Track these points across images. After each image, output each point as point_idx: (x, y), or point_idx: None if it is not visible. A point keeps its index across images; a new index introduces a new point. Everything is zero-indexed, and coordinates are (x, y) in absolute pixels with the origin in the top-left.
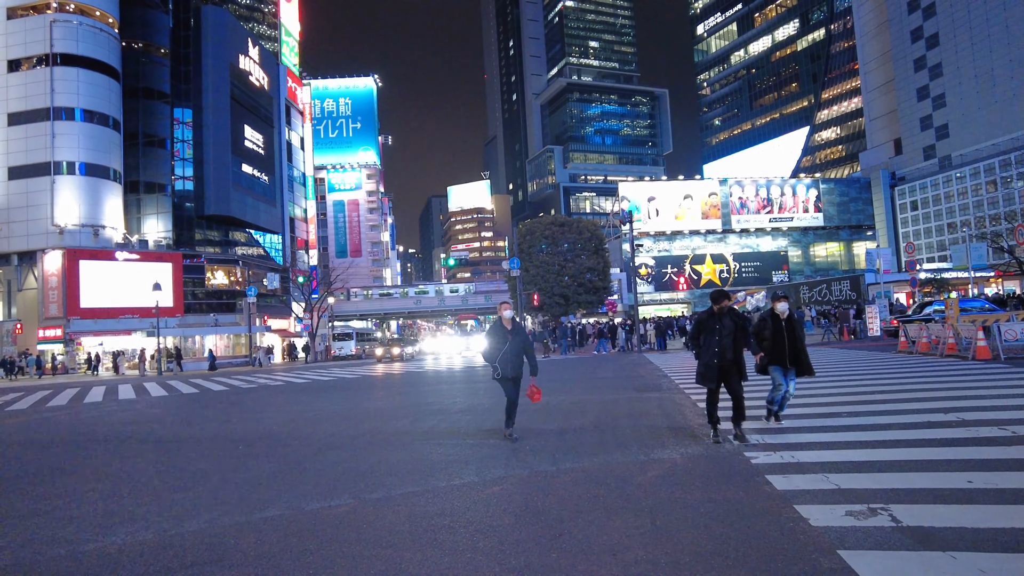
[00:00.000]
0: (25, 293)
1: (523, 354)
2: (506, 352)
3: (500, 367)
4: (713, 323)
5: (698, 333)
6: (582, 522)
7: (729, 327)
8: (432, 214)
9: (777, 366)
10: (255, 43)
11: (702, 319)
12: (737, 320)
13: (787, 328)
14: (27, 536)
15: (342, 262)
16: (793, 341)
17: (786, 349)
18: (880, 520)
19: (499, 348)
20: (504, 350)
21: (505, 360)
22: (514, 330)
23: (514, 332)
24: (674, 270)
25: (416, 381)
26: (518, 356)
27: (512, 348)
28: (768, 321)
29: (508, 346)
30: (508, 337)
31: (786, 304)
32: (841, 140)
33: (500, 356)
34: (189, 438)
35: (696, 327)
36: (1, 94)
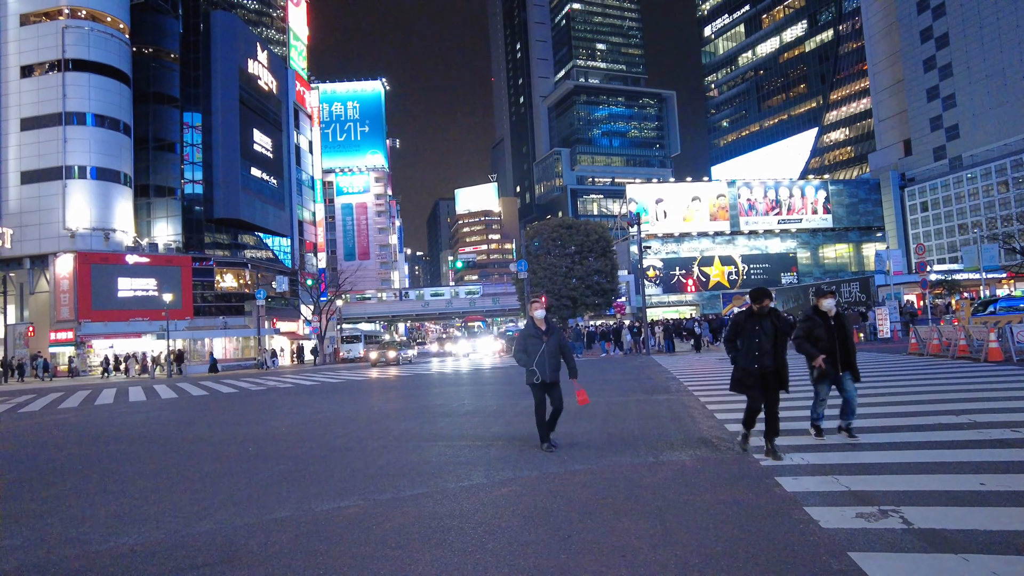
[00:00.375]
0: (37, 296)
1: (560, 355)
2: (543, 354)
3: (539, 370)
4: (752, 325)
5: (735, 335)
6: (591, 523)
7: (769, 330)
8: (440, 217)
9: (823, 376)
10: (264, 47)
11: (739, 320)
12: (778, 323)
13: (836, 328)
14: (40, 536)
15: (350, 265)
16: (844, 342)
17: (836, 353)
18: (891, 522)
19: (535, 350)
20: (541, 352)
21: (543, 363)
22: (549, 330)
23: (549, 332)
24: (682, 272)
25: (423, 383)
26: (556, 357)
27: (549, 349)
28: (817, 320)
29: (545, 347)
30: (543, 338)
31: (833, 300)
32: (850, 141)
33: (537, 359)
34: (199, 439)
35: (733, 329)
36: (14, 99)
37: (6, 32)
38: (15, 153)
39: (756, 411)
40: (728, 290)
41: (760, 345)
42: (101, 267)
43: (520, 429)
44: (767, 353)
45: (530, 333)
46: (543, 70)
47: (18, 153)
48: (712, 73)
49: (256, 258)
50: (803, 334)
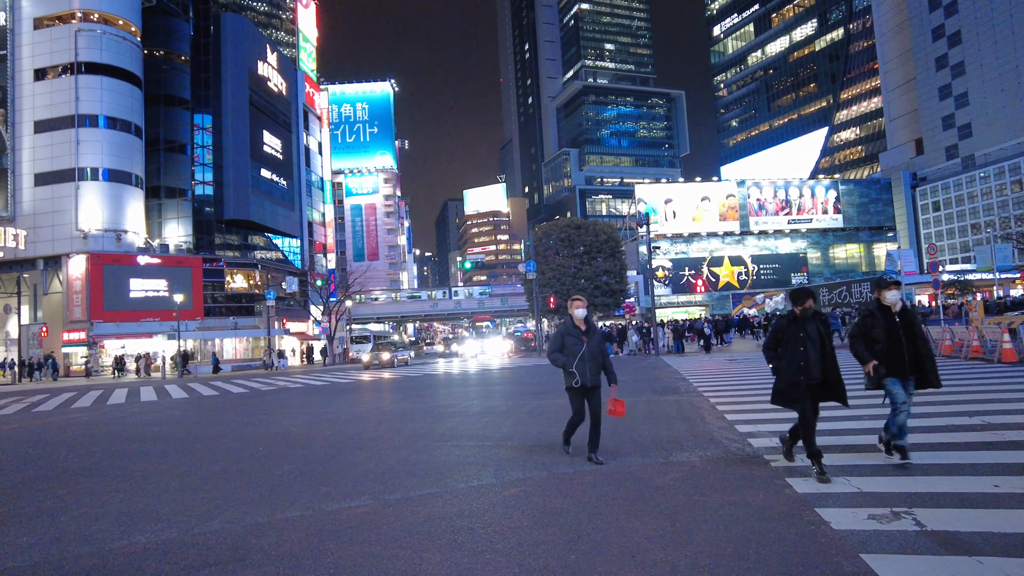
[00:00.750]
0: (50, 297)
1: (601, 359)
2: (583, 356)
3: (579, 374)
4: (796, 330)
5: (776, 343)
6: (601, 524)
7: (815, 336)
8: (448, 217)
9: (895, 377)
10: (273, 49)
11: (782, 326)
12: (824, 327)
13: (903, 324)
14: (55, 534)
15: (360, 265)
16: (913, 340)
17: (904, 352)
18: (904, 524)
19: (574, 352)
20: (581, 354)
21: (583, 366)
22: (589, 331)
23: (589, 333)
24: (692, 272)
25: (432, 384)
26: (596, 361)
27: (590, 351)
28: (877, 316)
29: (585, 349)
30: (583, 339)
31: (898, 293)
32: (861, 141)
33: (577, 361)
34: (210, 439)
35: (774, 335)
36: (28, 102)
37: (20, 36)
38: (29, 155)
39: (812, 424)
40: (738, 290)
41: (806, 354)
42: (113, 268)
43: (530, 430)
44: (814, 363)
45: (568, 332)
46: (552, 70)
47: (32, 155)
48: (721, 73)
49: (266, 259)
50: (858, 332)
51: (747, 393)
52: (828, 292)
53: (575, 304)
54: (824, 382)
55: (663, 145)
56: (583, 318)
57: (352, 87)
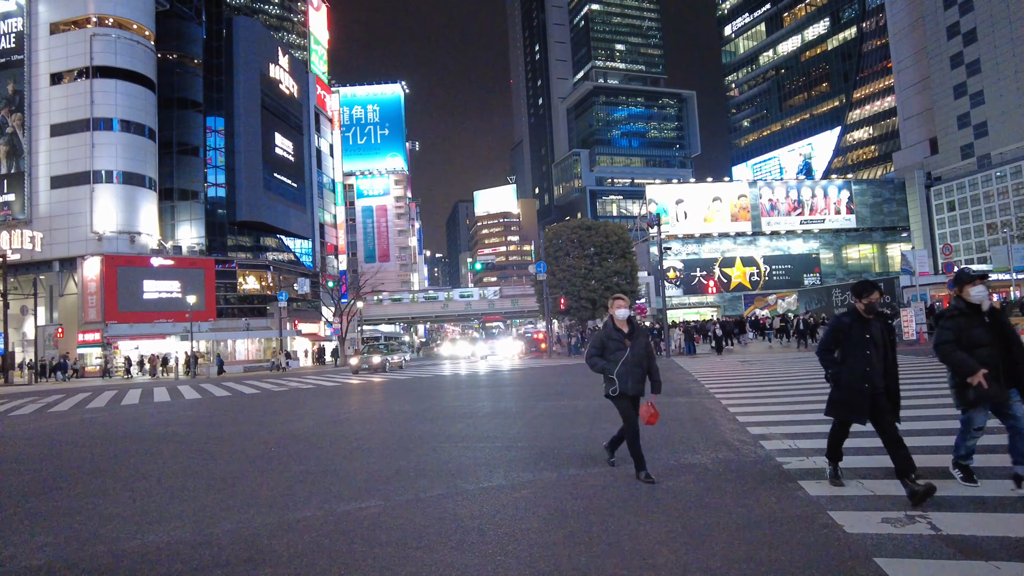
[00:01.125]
0: (66, 298)
1: (646, 364)
2: (627, 361)
3: (619, 381)
4: (860, 330)
5: (834, 344)
6: (612, 526)
7: (880, 338)
8: (459, 219)
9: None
10: (285, 52)
11: (842, 324)
12: (887, 329)
13: (993, 327)
14: (71, 533)
15: (371, 267)
16: (1008, 346)
17: (999, 362)
18: (918, 528)
19: (615, 356)
20: (624, 359)
21: (625, 372)
22: (633, 333)
23: (633, 335)
24: (703, 273)
25: (443, 385)
26: (641, 367)
27: (634, 356)
28: (971, 316)
29: (629, 354)
30: (626, 342)
31: (985, 289)
32: (874, 140)
33: (619, 367)
34: (222, 439)
35: (832, 335)
36: (44, 106)
37: (37, 41)
38: (45, 159)
39: (844, 438)
40: (750, 291)
41: (871, 359)
42: (127, 269)
43: (540, 431)
44: (880, 370)
45: (610, 335)
46: (562, 71)
47: (48, 159)
48: (732, 72)
49: (278, 260)
50: (952, 337)
51: (759, 395)
52: (841, 293)
53: (617, 303)
54: (887, 392)
55: (674, 145)
56: (626, 319)
57: (363, 89)
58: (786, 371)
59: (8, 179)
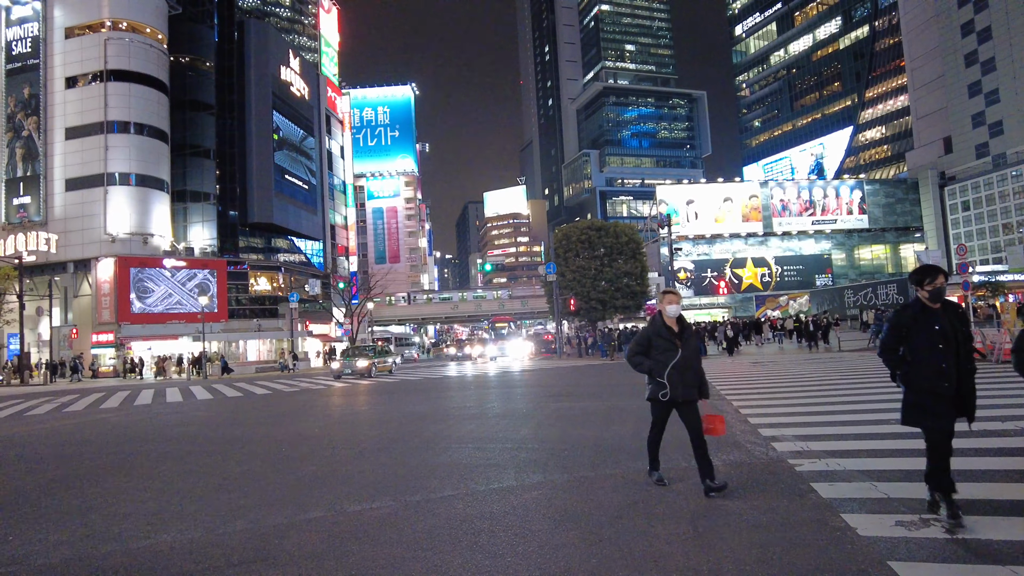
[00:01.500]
0: (80, 299)
1: (697, 367)
2: (678, 365)
3: (670, 385)
4: (927, 322)
5: (899, 340)
6: (622, 528)
7: (949, 331)
8: (468, 220)
9: None
10: (296, 54)
11: (905, 320)
12: (958, 319)
13: None
14: (85, 532)
15: (381, 268)
16: None
17: None
18: (933, 531)
19: (664, 358)
20: (675, 362)
21: (676, 376)
22: (684, 332)
23: (684, 335)
24: (714, 274)
25: (453, 385)
26: (693, 370)
27: (685, 358)
28: None
29: (680, 357)
30: (676, 342)
31: None
32: (886, 140)
33: (669, 370)
34: (234, 440)
35: (894, 332)
36: (59, 110)
37: (52, 45)
38: (60, 161)
39: (948, 453)
40: (761, 292)
41: (944, 353)
42: (140, 271)
43: (549, 433)
44: (954, 367)
45: (659, 333)
46: (571, 72)
47: (63, 161)
48: (743, 72)
49: (289, 261)
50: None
51: (771, 397)
52: (853, 294)
53: (668, 299)
54: (958, 394)
55: (684, 146)
56: (676, 316)
57: (373, 91)
58: (798, 373)
59: (24, 182)
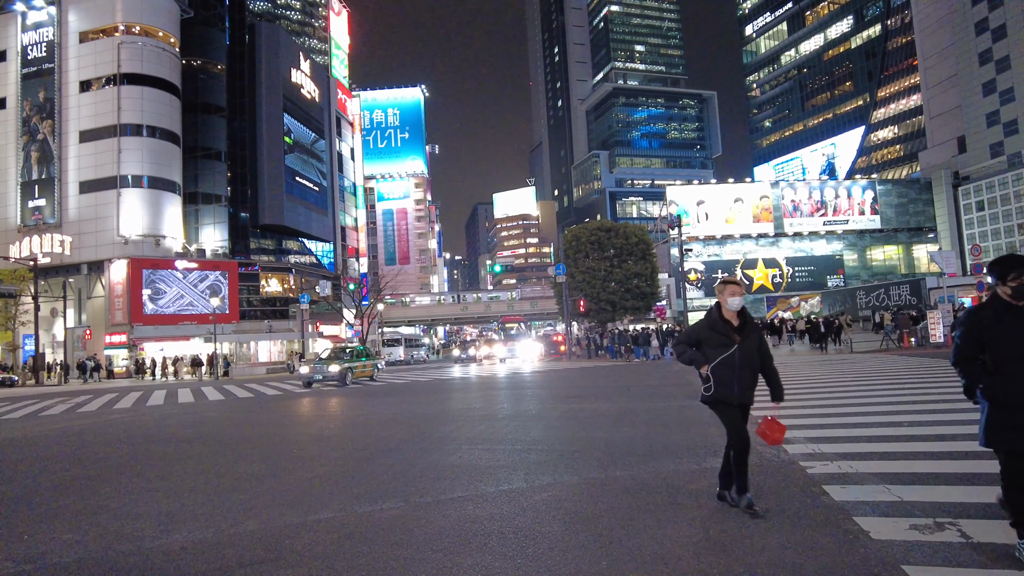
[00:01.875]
0: (94, 301)
1: (759, 366)
2: (733, 362)
3: (720, 386)
4: (1013, 324)
5: (977, 348)
6: (633, 530)
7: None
8: (478, 221)
9: None
10: (306, 57)
11: (982, 320)
12: None
13: None
14: (98, 531)
15: (391, 269)
16: None
17: None
18: (948, 535)
19: (716, 354)
20: (728, 358)
21: (730, 375)
22: (744, 327)
23: (744, 331)
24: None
25: (466, 386)
26: (752, 369)
27: (743, 357)
28: None
29: (737, 353)
30: (734, 337)
31: None
32: (899, 139)
33: (721, 368)
34: (245, 440)
35: (970, 338)
36: (74, 113)
37: (66, 49)
38: (74, 164)
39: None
40: (772, 293)
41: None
42: (152, 272)
43: (559, 434)
44: None
45: (714, 327)
46: (581, 73)
47: (77, 164)
48: (754, 72)
49: (300, 263)
50: None
51: None
52: (865, 294)
53: (730, 289)
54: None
55: (695, 146)
56: (737, 310)
57: (384, 93)
58: (809, 374)
59: (39, 184)
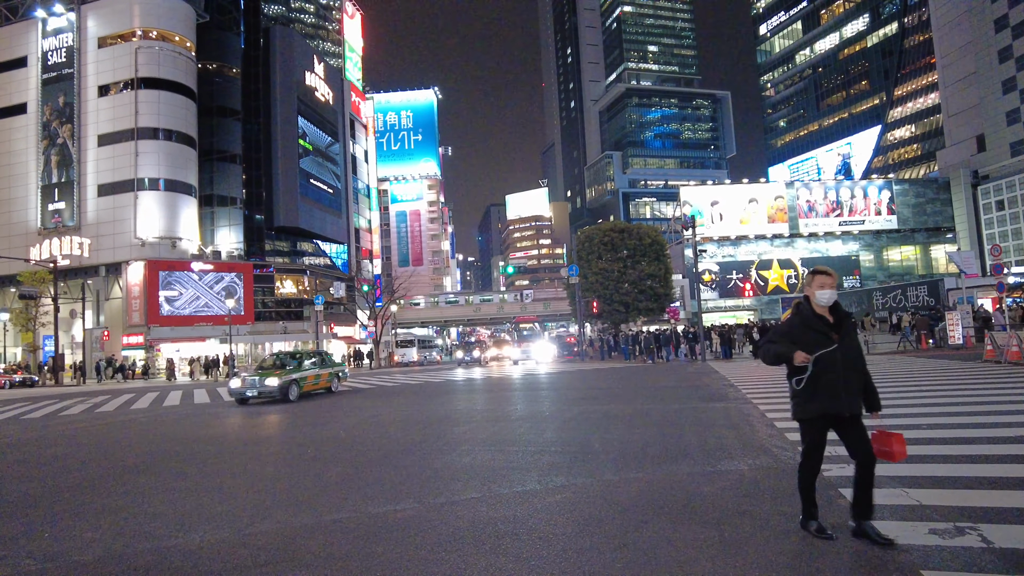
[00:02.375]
0: (111, 302)
1: (862, 369)
2: (836, 363)
3: (823, 396)
4: None
5: None
6: (647, 532)
7: None
8: (491, 222)
9: None
10: (320, 60)
11: None
12: None
13: None
14: (117, 530)
15: (404, 270)
16: None
17: None
18: (968, 540)
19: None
20: (832, 360)
21: (833, 379)
22: (841, 324)
23: (842, 328)
24: (739, 276)
25: (479, 387)
26: (857, 371)
27: (846, 357)
28: None
29: (839, 355)
30: (832, 336)
31: None
32: (916, 139)
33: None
34: (260, 441)
35: None
36: (92, 117)
37: (86, 55)
38: (93, 167)
39: None
40: (787, 294)
41: None
42: (168, 274)
43: (573, 436)
44: None
45: (808, 324)
46: (594, 74)
47: (95, 167)
48: (768, 72)
49: (314, 264)
50: None
51: None
52: (882, 295)
53: (819, 281)
54: None
55: (709, 147)
56: (829, 304)
57: (397, 96)
58: None
59: (59, 188)
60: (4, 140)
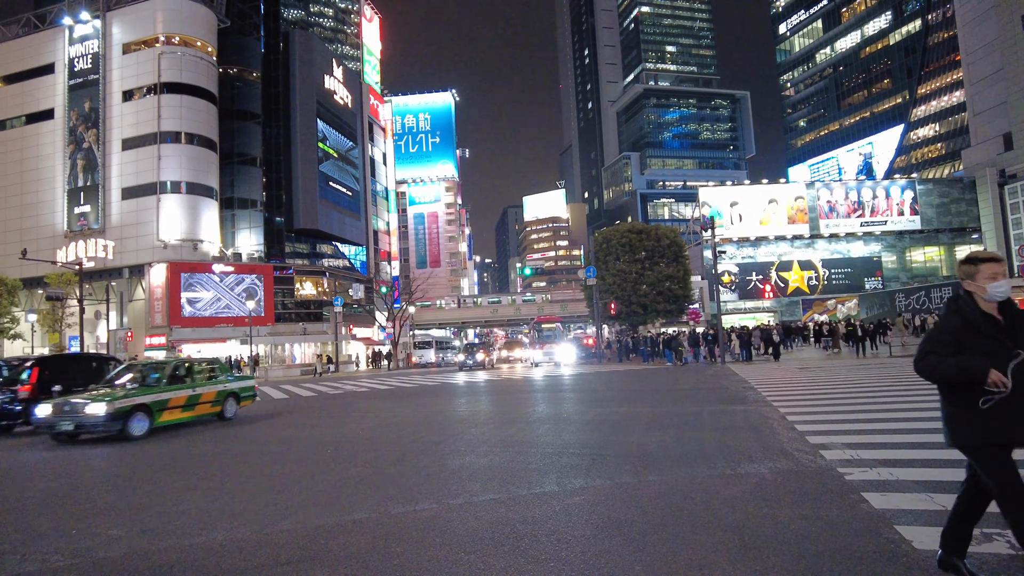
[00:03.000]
0: (135, 303)
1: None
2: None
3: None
4: None
5: None
6: (666, 535)
7: None
8: (508, 224)
9: None
10: (339, 63)
11: None
12: None
13: None
14: (141, 527)
15: (422, 272)
16: None
17: None
18: (995, 546)
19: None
20: (1016, 367)
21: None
22: (1014, 326)
23: (1014, 331)
24: (759, 277)
25: (496, 389)
26: None
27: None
28: None
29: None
30: (1007, 342)
31: None
32: (940, 138)
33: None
34: (281, 441)
35: None
36: (116, 122)
37: (110, 60)
38: (117, 171)
39: None
40: (808, 296)
41: None
42: (190, 276)
43: (592, 438)
44: None
45: (973, 328)
46: (611, 75)
47: (119, 171)
48: (788, 71)
49: (333, 266)
50: None
51: (818, 403)
52: (905, 297)
53: (988, 269)
54: None
55: (727, 147)
56: (1001, 300)
57: (415, 98)
58: (846, 378)
59: (85, 191)
60: (32, 145)
